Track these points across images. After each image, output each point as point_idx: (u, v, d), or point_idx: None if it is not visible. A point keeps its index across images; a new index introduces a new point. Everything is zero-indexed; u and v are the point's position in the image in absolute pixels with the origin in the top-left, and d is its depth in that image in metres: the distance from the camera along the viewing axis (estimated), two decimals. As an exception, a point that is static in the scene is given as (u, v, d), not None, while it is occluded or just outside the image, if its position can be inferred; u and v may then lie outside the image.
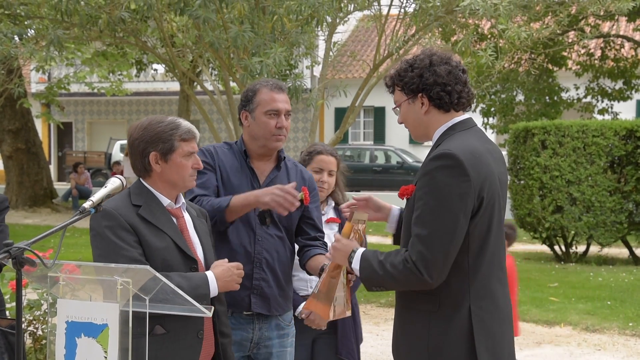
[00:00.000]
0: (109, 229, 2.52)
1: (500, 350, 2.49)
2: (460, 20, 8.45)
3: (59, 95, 19.66)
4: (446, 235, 2.36)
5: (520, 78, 15.87)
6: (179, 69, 9.51)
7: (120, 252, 2.48)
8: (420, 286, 2.41)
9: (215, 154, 3.17)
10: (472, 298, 2.44)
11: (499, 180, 2.51)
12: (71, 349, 2.35)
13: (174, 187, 2.67)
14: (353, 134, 25.31)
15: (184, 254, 2.61)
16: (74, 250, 10.88)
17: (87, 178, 18.63)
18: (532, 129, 10.41)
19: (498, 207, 2.50)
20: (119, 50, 15.18)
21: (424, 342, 2.46)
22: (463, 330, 2.42)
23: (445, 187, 2.36)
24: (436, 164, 2.39)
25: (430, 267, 2.36)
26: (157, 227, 2.58)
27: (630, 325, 6.83)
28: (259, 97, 3.15)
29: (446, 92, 2.51)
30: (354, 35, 25.53)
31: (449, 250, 2.37)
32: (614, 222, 10.03)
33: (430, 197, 2.38)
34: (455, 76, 2.53)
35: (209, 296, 2.57)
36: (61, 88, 18.15)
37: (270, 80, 3.22)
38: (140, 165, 2.65)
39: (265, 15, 7.11)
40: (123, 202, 2.60)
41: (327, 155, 3.58)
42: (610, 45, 16.44)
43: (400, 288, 2.50)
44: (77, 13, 7.58)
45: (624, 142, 10.05)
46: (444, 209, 2.36)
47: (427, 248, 2.36)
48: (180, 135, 2.62)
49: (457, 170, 2.36)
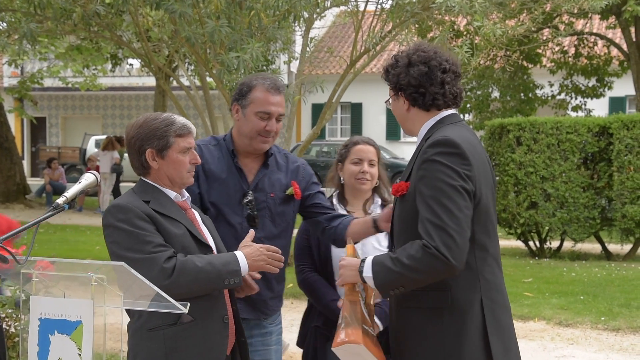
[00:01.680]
0: (125, 222, 2.51)
1: (509, 341, 2.50)
2: (436, 17, 8.49)
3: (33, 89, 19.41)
4: (460, 216, 2.33)
5: (496, 75, 16.01)
6: (155, 64, 9.44)
7: (144, 239, 2.48)
8: (444, 273, 2.33)
9: (201, 155, 2.96)
10: (483, 291, 2.43)
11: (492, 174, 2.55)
12: (44, 347, 2.32)
13: (173, 183, 2.67)
14: (330, 129, 25.33)
15: (198, 241, 2.62)
16: (47, 247, 10.76)
17: (61, 174, 18.42)
18: (507, 125, 10.50)
19: (492, 198, 2.51)
20: (94, 45, 15.02)
21: (438, 339, 2.41)
22: (477, 323, 2.41)
23: (449, 171, 2.35)
24: (436, 150, 2.39)
25: (453, 250, 2.29)
26: (171, 217, 2.60)
27: (603, 319, 6.92)
28: (254, 94, 3.04)
29: (419, 93, 2.52)
30: (331, 31, 25.54)
31: (466, 232, 2.34)
32: (587, 217, 10.16)
33: (436, 182, 2.35)
34: (431, 77, 2.50)
35: (240, 272, 2.56)
36: (34, 82, 17.92)
37: (268, 78, 3.08)
38: (138, 163, 2.65)
39: (242, 10, 7.08)
40: (133, 198, 2.61)
41: (365, 145, 3.31)
42: (584, 43, 16.64)
43: (422, 281, 2.37)
44: (51, 6, 7.48)
45: (597, 138, 10.18)
46: (452, 190, 2.34)
47: (445, 231, 2.30)
48: (175, 131, 2.62)
49: (457, 155, 2.37)
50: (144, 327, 2.54)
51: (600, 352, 6.06)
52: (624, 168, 9.90)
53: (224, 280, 2.53)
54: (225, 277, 2.52)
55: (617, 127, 9.95)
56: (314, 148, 21.85)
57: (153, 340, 2.53)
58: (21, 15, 8.08)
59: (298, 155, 9.88)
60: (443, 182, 2.35)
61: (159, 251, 2.47)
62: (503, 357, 2.44)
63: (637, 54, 14.84)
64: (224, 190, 3.05)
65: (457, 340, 2.40)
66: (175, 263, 2.47)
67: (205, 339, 2.58)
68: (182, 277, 2.46)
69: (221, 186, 3.06)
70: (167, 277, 2.43)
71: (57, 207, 2.43)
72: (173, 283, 2.43)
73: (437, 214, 2.32)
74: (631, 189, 9.87)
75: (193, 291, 2.48)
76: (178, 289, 2.43)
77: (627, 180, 9.87)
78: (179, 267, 2.46)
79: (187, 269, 2.47)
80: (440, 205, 2.33)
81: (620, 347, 6.17)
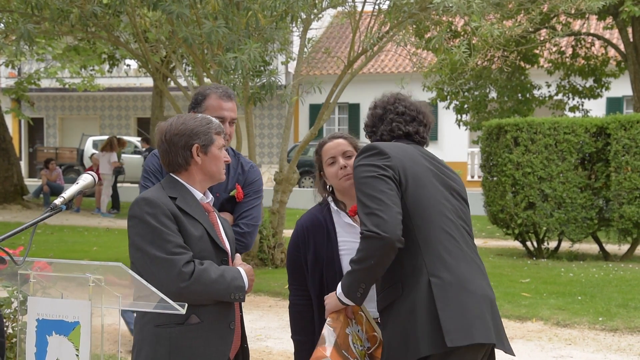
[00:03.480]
0: (152, 216, 2.58)
1: (469, 321, 2.53)
2: (433, 18, 8.50)
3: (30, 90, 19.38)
4: (381, 197, 2.58)
5: (493, 75, 16.00)
6: (152, 65, 9.44)
7: (166, 237, 2.56)
8: (384, 248, 2.53)
9: (158, 162, 3.27)
10: (429, 271, 2.57)
11: (434, 166, 2.77)
12: (42, 347, 2.32)
13: (211, 178, 2.79)
14: (328, 130, 25.31)
15: (216, 245, 2.71)
16: (45, 248, 10.74)
17: (58, 174, 18.40)
18: (505, 125, 10.50)
19: (435, 186, 2.70)
20: (91, 46, 15.01)
21: (397, 328, 2.57)
22: (426, 301, 2.53)
23: (368, 167, 2.66)
24: (359, 157, 2.75)
25: (381, 225, 2.52)
26: (194, 217, 2.67)
27: (600, 319, 6.93)
28: (208, 102, 3.30)
29: (372, 132, 3.02)
30: (329, 32, 25.54)
31: (390, 207, 2.56)
32: (585, 218, 10.17)
33: (360, 179, 2.66)
34: (382, 119, 2.96)
35: (244, 289, 2.68)
36: (31, 83, 17.90)
37: (220, 88, 3.38)
38: (182, 158, 2.73)
39: (240, 11, 7.08)
40: (160, 193, 2.68)
41: (332, 140, 3.08)
42: (581, 44, 16.64)
43: (373, 267, 2.56)
44: (48, 7, 7.48)
45: (594, 139, 10.19)
46: (371, 179, 2.63)
47: (372, 213, 2.55)
48: (215, 129, 2.78)
49: (375, 154, 2.70)
50: (152, 323, 2.61)
51: (598, 352, 6.06)
52: (622, 168, 9.91)
53: (230, 294, 2.64)
54: (232, 291, 2.64)
55: (614, 127, 9.96)
56: (312, 148, 21.82)
57: (159, 337, 2.59)
58: (18, 16, 8.07)
59: (296, 156, 9.90)
60: (364, 177, 2.65)
61: (179, 252, 2.55)
62: (457, 333, 2.50)
63: (634, 54, 14.85)
64: None
65: (410, 325, 2.54)
66: (194, 269, 2.56)
67: (209, 342, 2.62)
68: (197, 284, 2.55)
69: None
70: (184, 281, 2.52)
71: (54, 207, 2.43)
72: (187, 288, 2.52)
73: (363, 204, 2.60)
74: (629, 190, 9.88)
75: (202, 300, 2.59)
76: (190, 295, 2.53)
77: (624, 180, 9.88)
78: (196, 274, 2.55)
79: (203, 278, 2.56)
80: (364, 195, 2.61)
81: (618, 348, 6.18)
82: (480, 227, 14.24)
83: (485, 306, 2.61)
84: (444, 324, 2.49)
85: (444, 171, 2.80)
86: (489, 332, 2.58)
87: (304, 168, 21.26)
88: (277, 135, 25.42)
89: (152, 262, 2.53)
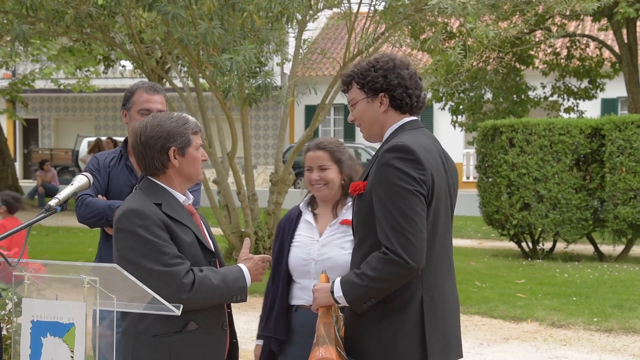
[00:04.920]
0: (143, 228, 2.49)
1: (448, 340, 2.58)
2: (429, 19, 8.51)
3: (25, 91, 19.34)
4: (417, 219, 2.43)
5: (489, 76, 16.04)
6: (148, 66, 9.43)
7: (161, 249, 2.49)
8: (406, 277, 2.44)
9: (100, 160, 3.50)
10: (424, 289, 2.53)
11: (448, 178, 2.62)
12: (36, 349, 2.31)
13: (189, 180, 2.70)
14: (323, 131, 25.34)
15: (204, 248, 2.65)
16: (40, 249, 10.71)
17: (53, 175, 18.36)
18: (500, 127, 10.52)
19: (445, 202, 2.60)
20: (86, 47, 14.99)
21: (377, 332, 2.52)
22: (415, 320, 2.50)
23: (405, 175, 2.45)
24: (392, 155, 2.48)
25: (411, 252, 2.40)
26: (182, 223, 2.60)
27: (595, 320, 6.95)
28: (135, 97, 3.45)
29: (408, 94, 2.62)
30: (324, 33, 25.55)
31: (422, 233, 2.44)
32: (580, 219, 10.19)
33: (393, 186, 2.45)
34: (415, 81, 2.65)
35: (247, 289, 2.63)
36: (25, 84, 17.87)
37: (147, 83, 3.54)
38: (159, 162, 2.61)
39: (235, 11, 7.08)
40: (146, 202, 2.57)
41: (314, 151, 3.22)
42: (576, 45, 16.69)
43: (389, 289, 2.48)
44: (43, 8, 7.46)
45: (589, 140, 10.21)
46: (408, 194, 2.44)
47: (403, 235, 2.40)
48: (192, 129, 2.67)
49: (413, 161, 2.47)
50: (148, 333, 2.53)
51: (593, 353, 6.07)
52: (616, 169, 9.94)
53: (232, 297, 2.60)
54: (234, 293, 2.59)
55: (609, 128, 9.98)
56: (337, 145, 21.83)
57: (157, 347, 2.53)
58: (13, 16, 8.05)
59: (291, 157, 9.90)
60: (399, 186, 2.44)
61: (177, 264, 2.49)
62: (439, 355, 2.52)
63: (629, 55, 14.90)
64: (116, 186, 3.44)
65: (393, 334, 2.50)
66: (194, 279, 2.50)
67: (207, 346, 2.60)
68: (199, 293, 2.50)
69: (113, 182, 3.46)
70: (186, 293, 2.47)
71: (49, 209, 2.42)
72: (190, 299, 2.47)
73: (395, 218, 2.42)
74: (623, 190, 9.91)
75: (204, 306, 2.55)
76: (193, 304, 2.49)
77: (619, 181, 9.91)
78: (197, 283, 2.50)
79: (205, 286, 2.51)
80: (398, 210, 2.43)
81: (613, 348, 6.19)
82: (475, 228, 14.25)
83: (458, 318, 2.68)
84: (430, 346, 2.50)
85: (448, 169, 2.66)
86: (460, 347, 2.66)
87: (300, 169, 21.20)
88: (273, 136, 25.41)
89: (148, 276, 2.44)
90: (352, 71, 2.68)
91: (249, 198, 9.62)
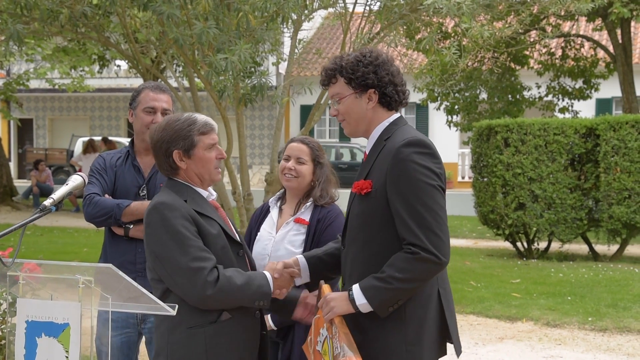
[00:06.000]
0: (172, 220, 2.55)
1: (456, 330, 2.62)
2: (424, 19, 8.51)
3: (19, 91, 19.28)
4: (442, 214, 2.43)
5: (484, 76, 16.05)
6: (143, 65, 9.42)
7: (189, 242, 2.54)
8: (436, 272, 2.44)
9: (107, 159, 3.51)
10: (439, 282, 2.55)
11: None
12: (31, 349, 2.31)
13: (202, 181, 2.73)
14: (319, 131, 25.34)
15: (231, 239, 2.69)
16: (34, 249, 10.68)
17: (48, 175, 18.31)
18: (495, 126, 10.54)
19: None
20: (81, 46, 14.96)
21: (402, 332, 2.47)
22: (435, 313, 2.51)
23: (427, 170, 2.43)
24: (411, 150, 2.44)
25: (441, 247, 2.40)
26: (208, 216, 2.64)
27: (590, 320, 6.96)
28: (140, 96, 3.50)
29: (396, 91, 2.59)
30: (320, 33, 25.55)
31: (447, 228, 2.45)
32: (575, 218, 10.21)
33: (416, 182, 2.41)
34: (402, 78, 2.63)
35: (270, 296, 2.64)
36: (19, 84, 17.82)
37: (152, 83, 3.59)
38: (166, 165, 2.70)
39: (230, 11, 7.07)
40: (173, 197, 2.64)
41: (298, 143, 3.37)
42: (571, 45, 16.72)
43: (418, 287, 2.45)
44: (38, 7, 7.45)
45: (584, 140, 10.24)
46: (432, 189, 2.42)
47: (432, 230, 2.39)
48: (198, 129, 2.68)
49: (431, 155, 2.46)
50: (183, 325, 2.58)
51: (588, 352, 6.09)
52: (611, 169, 9.96)
53: (254, 301, 2.61)
54: (257, 298, 2.61)
55: (603, 128, 10.01)
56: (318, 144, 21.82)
57: (193, 338, 2.58)
58: (7, 16, 8.03)
59: (287, 157, 9.89)
60: (423, 182, 2.42)
61: (203, 258, 2.52)
62: (457, 340, 2.58)
63: (623, 55, 14.93)
64: (123, 185, 3.45)
65: (418, 331, 2.48)
66: (219, 277, 2.53)
67: (241, 335, 2.64)
68: (222, 293, 2.52)
69: (119, 181, 3.46)
70: (209, 289, 2.50)
71: (44, 209, 2.42)
72: (212, 297, 2.50)
73: (421, 214, 2.40)
74: (618, 190, 9.93)
75: (227, 306, 2.58)
76: (216, 302, 2.54)
77: (613, 181, 9.93)
78: (221, 282, 2.53)
79: (228, 286, 2.54)
80: (423, 205, 2.40)
81: (607, 348, 6.21)
82: (470, 227, 14.27)
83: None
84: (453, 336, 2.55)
85: None
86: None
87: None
88: (268, 136, 25.39)
89: (174, 272, 2.50)
90: (337, 64, 2.60)
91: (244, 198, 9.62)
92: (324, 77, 2.64)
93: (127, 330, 3.40)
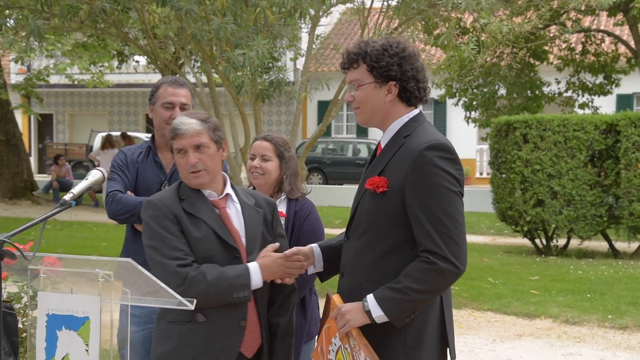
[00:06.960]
0: (153, 219, 2.61)
1: (453, 335, 2.60)
2: (442, 14, 8.47)
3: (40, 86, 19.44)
4: (461, 221, 2.39)
5: (502, 72, 15.94)
6: (161, 61, 9.46)
7: (165, 240, 2.57)
8: (454, 280, 2.41)
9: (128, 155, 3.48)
10: None
11: None
12: (52, 342, 2.33)
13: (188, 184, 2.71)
14: (336, 127, 25.31)
15: (224, 243, 2.65)
16: (54, 243, 10.79)
17: (67, 170, 18.47)
18: (514, 122, 10.46)
19: None
20: (100, 42, 15.05)
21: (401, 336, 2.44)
22: (436, 317, 2.50)
23: (449, 177, 2.38)
24: (435, 154, 2.38)
25: (459, 255, 2.36)
26: (197, 217, 2.64)
27: (609, 317, 6.90)
28: (159, 91, 3.48)
29: (418, 88, 2.51)
30: (337, 28, 25.50)
31: (464, 232, 2.41)
32: (594, 215, 10.12)
33: (439, 188, 2.36)
34: (425, 74, 2.55)
35: (249, 286, 2.60)
36: (40, 80, 17.97)
37: (171, 77, 3.59)
38: None
39: (248, 7, 7.08)
40: (170, 195, 2.69)
41: (260, 141, 3.42)
42: (591, 40, 16.55)
43: (435, 297, 2.44)
44: (58, 3, 7.50)
45: (604, 136, 10.14)
46: (453, 196, 2.38)
47: (451, 238, 2.35)
48: (169, 134, 2.71)
49: (453, 161, 2.41)
50: (166, 318, 2.66)
51: (607, 350, 6.04)
52: (632, 166, 9.86)
53: (232, 294, 2.58)
54: (234, 290, 2.57)
55: (624, 124, 9.90)
56: (320, 145, 21.83)
57: (169, 332, 2.64)
58: (28, 12, 8.11)
59: (304, 152, 9.90)
60: (444, 187, 2.37)
61: (174, 257, 2.55)
62: (452, 345, 2.56)
63: (645, 51, 14.76)
64: (144, 181, 3.43)
65: (418, 335, 2.45)
66: (188, 273, 2.53)
67: (216, 339, 2.61)
68: (191, 289, 2.52)
69: (141, 178, 3.44)
70: (178, 285, 2.50)
71: (64, 203, 2.44)
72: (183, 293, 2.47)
73: (442, 221, 2.35)
74: (639, 187, 9.82)
75: (205, 303, 2.54)
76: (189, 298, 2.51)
77: (634, 178, 9.83)
78: (190, 278, 2.53)
79: (197, 281, 2.53)
80: (443, 212, 2.36)
81: (628, 346, 6.15)
82: (489, 224, 14.19)
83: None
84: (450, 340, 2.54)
85: None
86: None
87: (312, 164, 21.23)
88: (286, 132, 25.39)
89: (154, 265, 2.57)
90: (361, 49, 2.50)
91: (261, 193, 9.62)
92: (346, 60, 2.54)
93: (150, 326, 3.41)
